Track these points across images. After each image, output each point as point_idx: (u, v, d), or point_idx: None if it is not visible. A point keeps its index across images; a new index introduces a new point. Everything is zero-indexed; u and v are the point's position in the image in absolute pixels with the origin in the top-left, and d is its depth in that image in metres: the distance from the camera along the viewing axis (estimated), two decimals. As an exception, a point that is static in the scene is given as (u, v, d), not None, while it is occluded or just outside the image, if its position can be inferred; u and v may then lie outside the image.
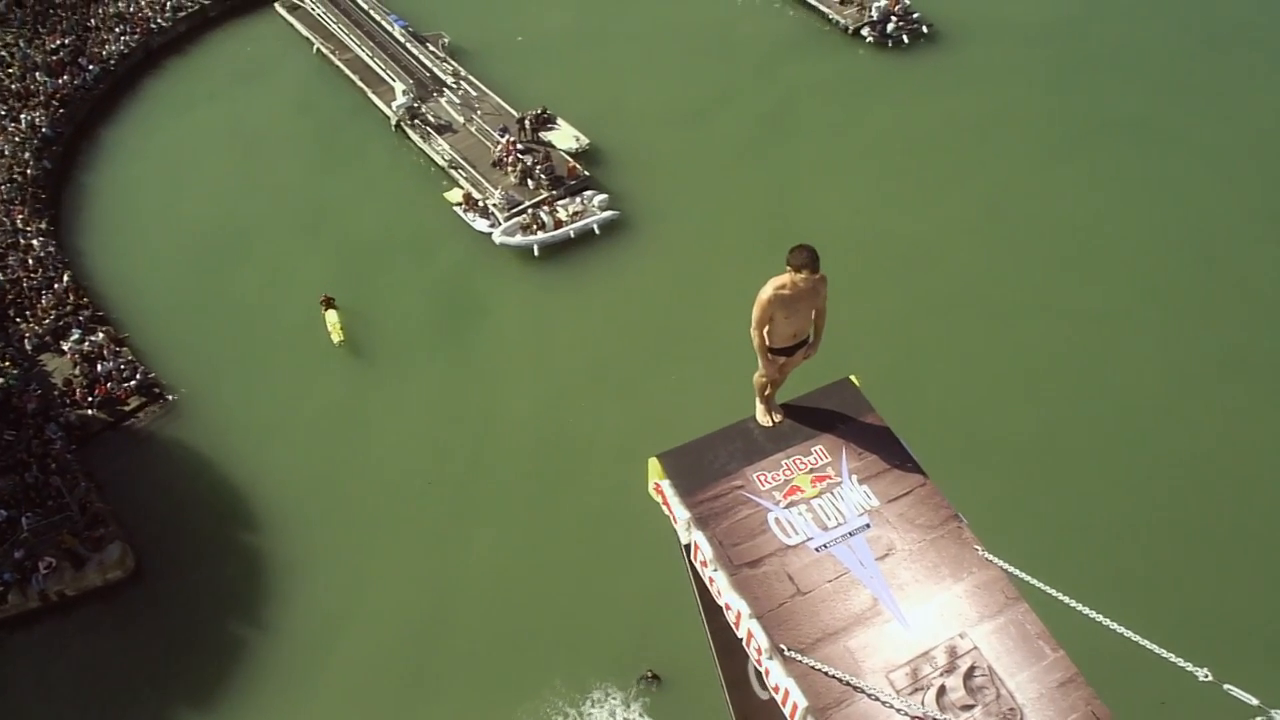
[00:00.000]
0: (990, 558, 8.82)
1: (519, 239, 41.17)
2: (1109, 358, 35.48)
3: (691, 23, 54.53)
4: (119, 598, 31.45)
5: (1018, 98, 48.26)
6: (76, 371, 36.73)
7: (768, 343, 10.46)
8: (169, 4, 53.06)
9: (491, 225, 42.18)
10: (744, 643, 8.63)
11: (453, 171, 45.02)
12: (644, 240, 41.73)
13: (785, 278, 9.90)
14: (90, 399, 35.90)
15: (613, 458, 33.56)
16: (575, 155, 45.19)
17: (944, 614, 8.42)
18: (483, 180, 44.11)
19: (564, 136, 46.19)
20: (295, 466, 34.64)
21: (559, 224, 41.59)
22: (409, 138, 47.23)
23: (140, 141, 47.39)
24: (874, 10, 52.31)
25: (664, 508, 9.83)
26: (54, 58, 49.71)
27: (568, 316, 38.96)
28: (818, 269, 9.72)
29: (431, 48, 51.17)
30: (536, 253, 40.99)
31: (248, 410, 36.41)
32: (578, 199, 42.91)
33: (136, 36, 51.27)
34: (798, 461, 9.75)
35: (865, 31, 52.08)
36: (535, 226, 41.47)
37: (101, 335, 37.94)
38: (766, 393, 10.68)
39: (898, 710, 7.73)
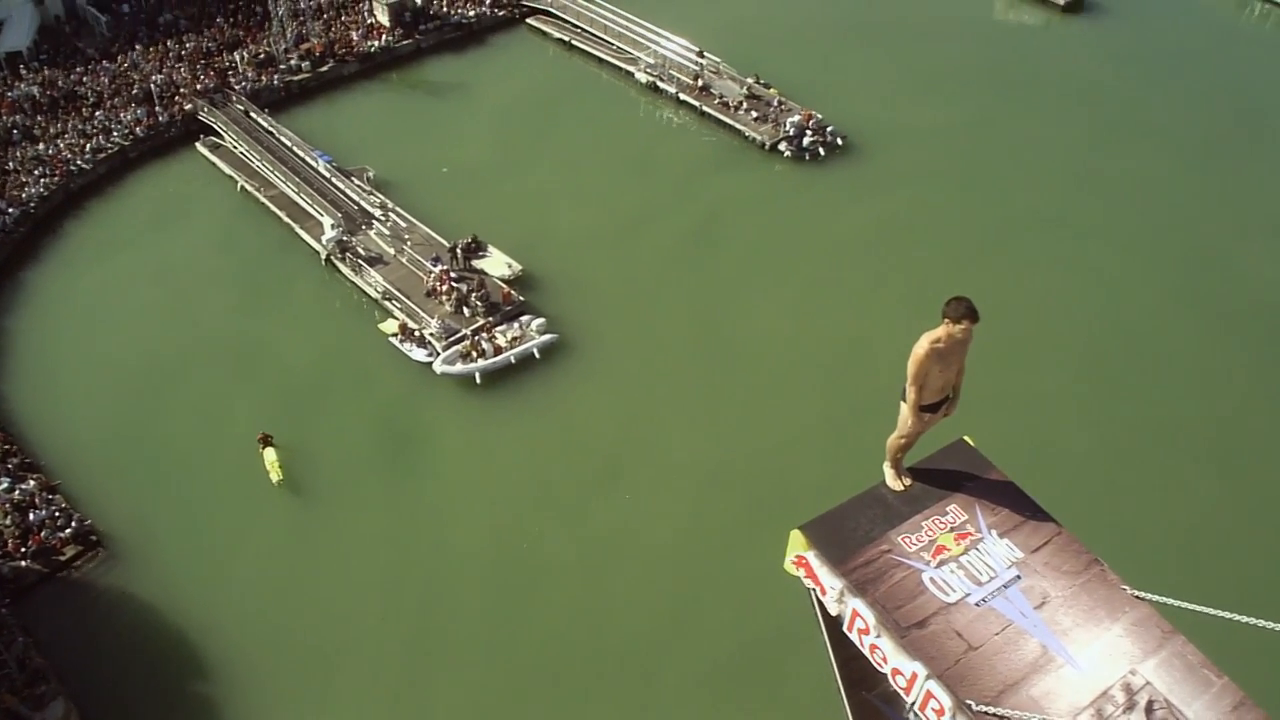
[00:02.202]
0: (1139, 595, 9.19)
1: (460, 367, 41.14)
2: (1048, 442, 36.60)
3: (611, 146, 56.05)
4: (62, 759, 29.93)
5: (933, 198, 51.07)
6: (8, 521, 35.38)
7: (919, 400, 10.47)
8: (88, 146, 52.68)
9: (430, 355, 42.10)
10: (917, 706, 8.63)
11: (387, 303, 44.97)
12: (584, 361, 42.06)
13: (941, 330, 10.15)
14: (24, 550, 34.54)
15: (568, 583, 33.30)
16: (509, 281, 45.58)
17: (1110, 654, 8.70)
18: (418, 310, 44.12)
19: (496, 264, 46.60)
20: (240, 611, 33.59)
21: (499, 350, 41.71)
22: (340, 271, 47.16)
23: (63, 284, 46.52)
24: (789, 126, 54.69)
25: (807, 580, 9.80)
26: (-30, 202, 49.03)
27: (513, 443, 38.83)
28: (978, 318, 9.89)
29: (357, 181, 51.46)
30: (478, 380, 40.96)
31: (188, 555, 35.33)
32: (516, 324, 43.13)
33: (56, 179, 50.71)
34: (936, 522, 9.94)
35: (782, 146, 54.38)
36: (475, 354, 41.52)
37: (32, 483, 36.69)
38: (899, 456, 10.75)
39: None
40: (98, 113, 55.20)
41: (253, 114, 55.97)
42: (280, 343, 43.87)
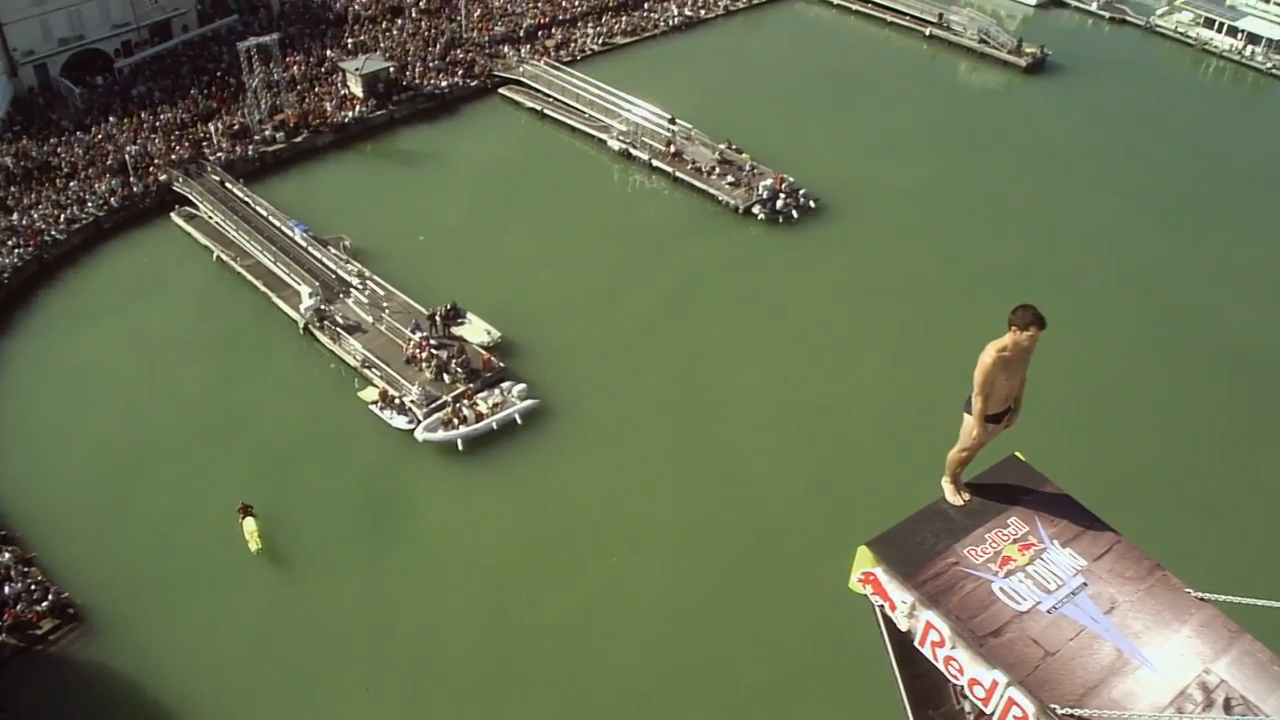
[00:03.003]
0: (1202, 597, 9.45)
1: (442, 434, 41.03)
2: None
3: (586, 213, 56.66)
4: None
5: (906, 256, 52.36)
6: (-17, 596, 34.72)
7: (982, 411, 10.61)
8: (62, 216, 52.49)
9: (410, 422, 41.97)
10: (997, 715, 8.68)
11: (366, 371, 44.88)
12: (567, 425, 42.10)
13: (1007, 339, 10.21)
14: (-1, 624, 33.90)
15: (559, 648, 33.02)
16: (489, 348, 45.64)
17: (1183, 654, 8.90)
18: (398, 378, 44.04)
19: (475, 330, 46.70)
20: (221, 684, 32.99)
21: (480, 417, 41.68)
22: (318, 340, 47.05)
23: (38, 354, 46.06)
24: (762, 189, 55.77)
25: (875, 597, 9.82)
26: (-56, 274, 48.62)
27: (498, 508, 38.68)
28: (1045, 324, 10.03)
29: (334, 250, 51.54)
30: (460, 447, 40.85)
31: (167, 627, 34.72)
32: (497, 390, 43.16)
33: (30, 249, 50.41)
34: (999, 534, 10.05)
35: (756, 209, 55.41)
36: (457, 421, 41.46)
37: (8, 555, 36.06)
38: (958, 471, 10.87)
39: None
40: (72, 183, 55.09)
41: (228, 184, 56.07)
42: (259, 412, 43.59)
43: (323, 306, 47.66)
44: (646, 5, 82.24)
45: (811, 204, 55.97)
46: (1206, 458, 41.12)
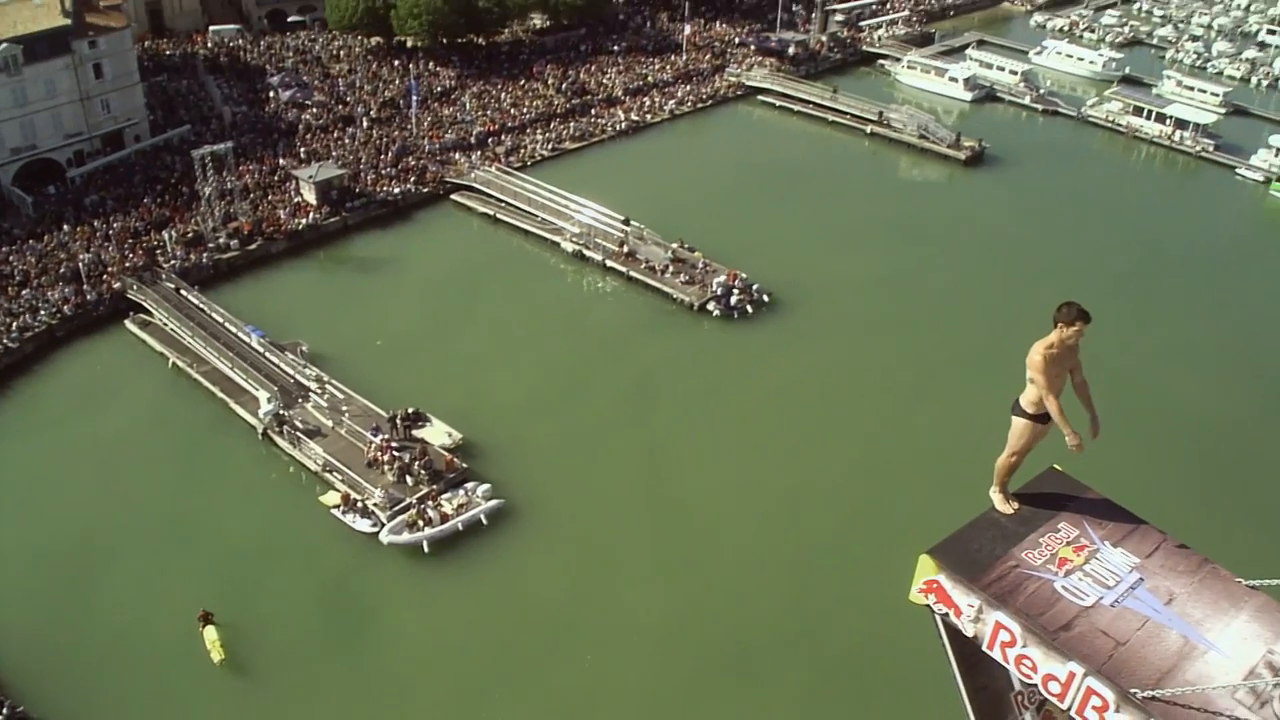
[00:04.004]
0: (1252, 585, 9.84)
1: (407, 536, 40.77)
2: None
3: (543, 314, 57.28)
4: None
5: (859, 346, 53.74)
6: (-66, 716, 33.62)
7: (1030, 411, 11.15)
8: (14, 325, 52.01)
9: (374, 525, 41.66)
10: (1074, 708, 8.89)
11: (327, 475, 44.58)
12: (533, 524, 42.05)
13: (1054, 335, 10.72)
14: (-50, 745, 32.79)
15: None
16: (451, 449, 45.59)
17: (1246, 637, 9.25)
18: (360, 481, 43.80)
19: (437, 433, 46.68)
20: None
21: (445, 518, 41.51)
22: (277, 445, 46.72)
23: (-10, 465, 45.33)
24: (715, 286, 56.94)
25: (939, 606, 9.97)
26: (-110, 386, 47.80)
27: (467, 610, 38.36)
28: (1090, 319, 10.53)
29: (291, 356, 51.45)
30: (426, 549, 40.57)
31: (127, 743, 33.83)
32: (461, 491, 43.06)
33: (-19, 359, 49.93)
34: (1052, 538, 10.40)
35: (711, 306, 56.52)
36: (422, 523, 41.25)
37: (-39, 673, 35.00)
38: (1006, 479, 11.27)
39: None
40: (24, 291, 54.68)
41: (183, 291, 56.02)
42: (218, 519, 42.99)
43: (281, 411, 47.42)
44: (593, 111, 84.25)
45: (765, 299, 57.16)
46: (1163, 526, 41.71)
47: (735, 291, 56.58)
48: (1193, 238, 67.88)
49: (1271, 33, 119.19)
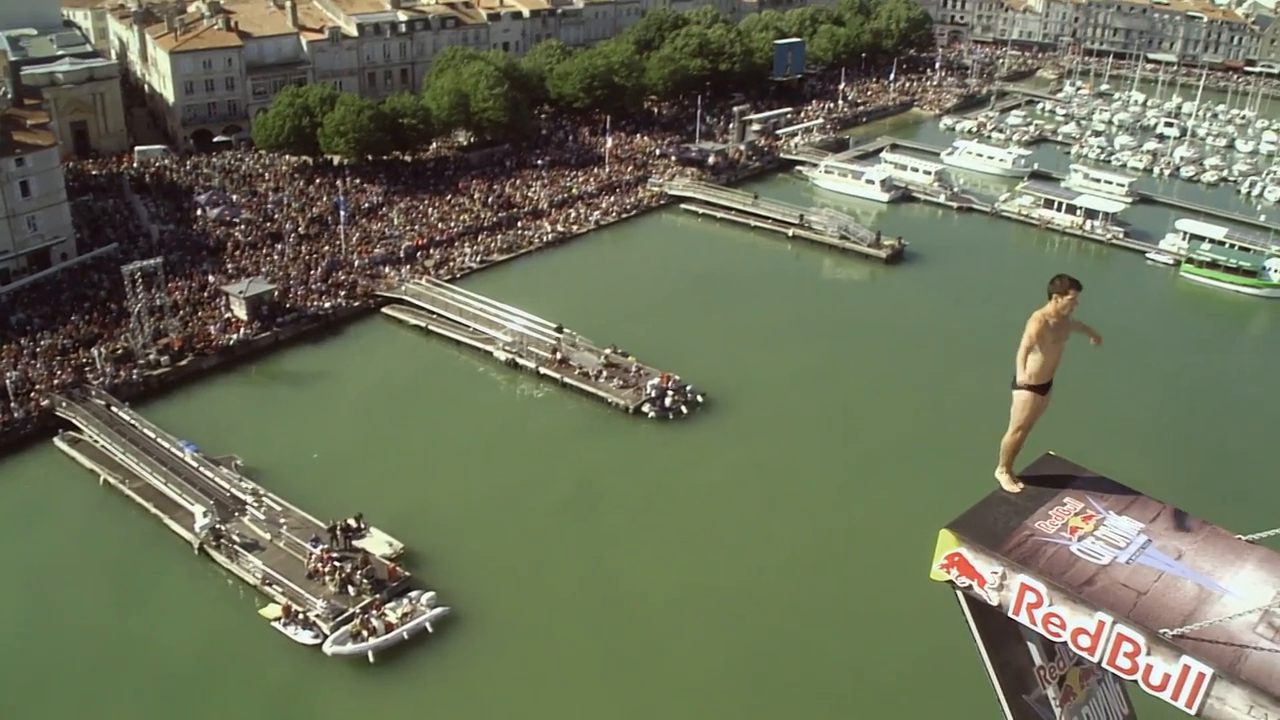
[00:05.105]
0: (1251, 539, 10.48)
1: (351, 647, 40.25)
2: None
3: (480, 421, 57.57)
4: None
5: (794, 441, 54.93)
6: None
7: (1031, 383, 11.70)
8: (-63, 447, 51.06)
9: (316, 636, 41.08)
10: (1106, 658, 9.35)
11: (267, 588, 43.94)
12: (480, 631, 41.79)
13: (1050, 306, 11.26)
14: None
15: None
16: (392, 558, 45.31)
17: (1255, 582, 9.84)
18: (301, 592, 43.25)
19: (377, 543, 46.39)
20: None
21: (390, 627, 41.10)
22: (214, 559, 46.02)
23: (-89, 590, 43.92)
24: (650, 389, 57.82)
25: (961, 579, 10.33)
26: None
27: (416, 720, 37.84)
28: (1081, 286, 11.14)
29: (226, 470, 50.98)
30: (372, 659, 40.07)
31: None
32: (405, 600, 42.70)
33: (-97, 483, 48.70)
34: (1059, 510, 10.90)
35: (646, 408, 57.26)
36: (366, 633, 40.77)
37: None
38: (1012, 458, 11.71)
39: None
40: (-52, 411, 53.76)
41: (114, 407, 55.38)
42: (155, 638, 42.01)
43: (218, 525, 46.83)
44: (520, 223, 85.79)
45: (700, 399, 58.23)
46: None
47: (670, 393, 57.59)
48: (1112, 319, 70.17)
49: (1169, 125, 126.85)
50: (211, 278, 70.48)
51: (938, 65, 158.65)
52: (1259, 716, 8.64)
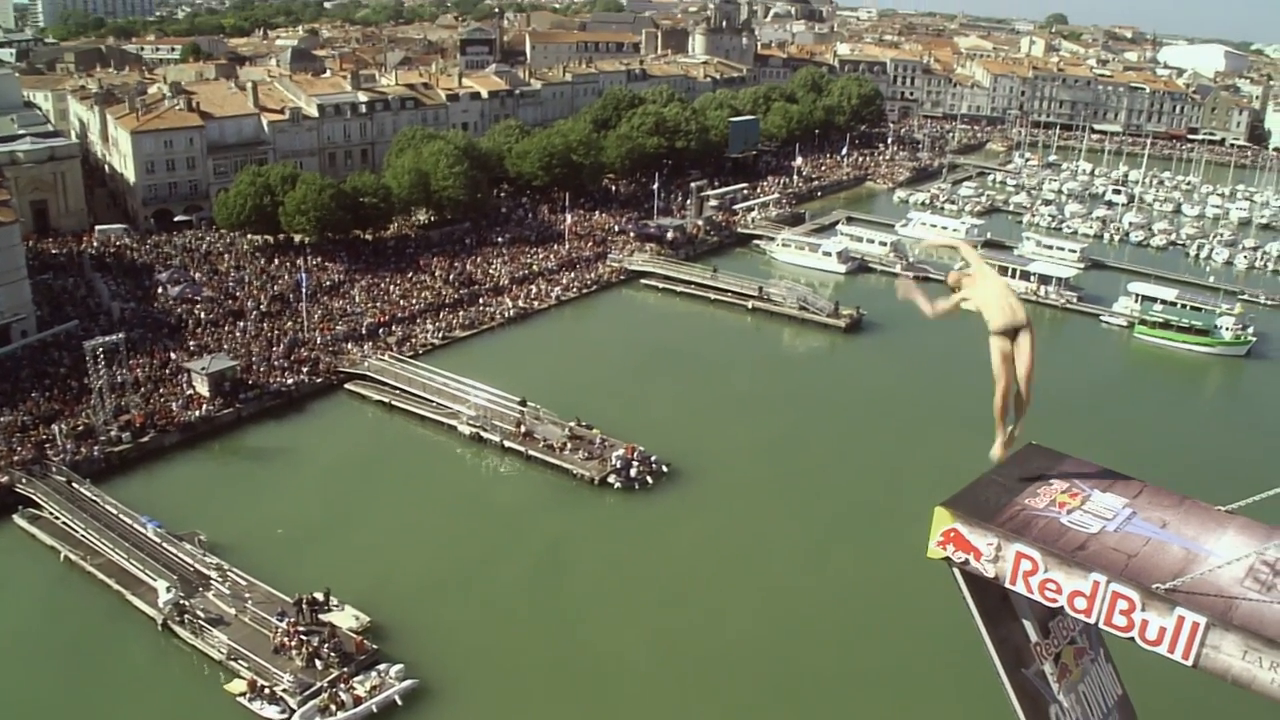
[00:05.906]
0: (1230, 509, 11.10)
1: (319, 721, 39.99)
2: None
3: (445, 495, 57.73)
4: None
5: (762, 509, 55.65)
6: None
7: (992, 327, 12.80)
8: (-107, 528, 50.39)
9: (283, 711, 40.70)
10: (1102, 617, 9.81)
11: (232, 663, 43.52)
12: (449, 704, 41.62)
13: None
14: None
15: None
16: (360, 631, 45.11)
17: (1236, 544, 10.40)
18: (268, 667, 42.85)
19: (344, 617, 46.13)
20: None
21: (359, 700, 40.84)
22: (178, 635, 45.56)
23: None
24: (615, 460, 58.24)
25: (958, 554, 10.76)
26: None
27: (386, 793, 37.50)
28: None
29: (190, 545, 50.65)
30: (340, 732, 39.80)
31: None
32: (373, 673, 42.45)
33: None
34: (1047, 489, 11.48)
35: (611, 479, 57.67)
36: (335, 707, 40.49)
37: None
38: (1003, 414, 12.29)
39: (1273, 602, 9.49)
40: (-97, 491, 53.12)
41: (75, 484, 54.97)
42: (118, 715, 41.58)
43: (182, 600, 46.42)
44: (481, 300, 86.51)
45: (665, 469, 58.76)
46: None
47: (635, 464, 58.06)
48: (1068, 382, 71.88)
49: (1117, 192, 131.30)
50: (173, 354, 70.36)
51: (890, 140, 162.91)
52: (1253, 661, 9.11)
